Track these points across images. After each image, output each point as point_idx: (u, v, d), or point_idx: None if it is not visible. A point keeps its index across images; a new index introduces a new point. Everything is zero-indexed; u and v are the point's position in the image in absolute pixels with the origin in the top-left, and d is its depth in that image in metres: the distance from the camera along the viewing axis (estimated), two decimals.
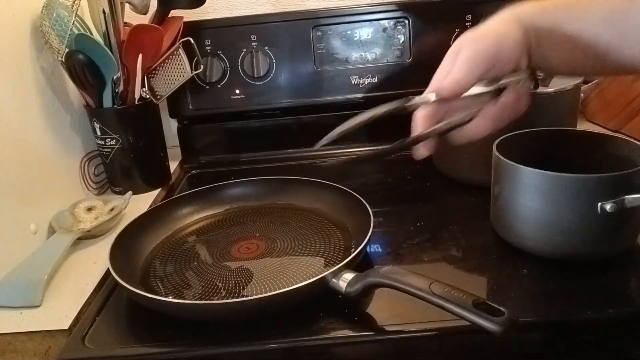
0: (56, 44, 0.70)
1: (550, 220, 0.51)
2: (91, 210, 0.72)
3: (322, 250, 0.59)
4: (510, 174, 0.54)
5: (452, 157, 0.75)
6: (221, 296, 0.52)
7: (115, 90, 0.75)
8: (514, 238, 0.56)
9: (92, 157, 0.82)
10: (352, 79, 0.89)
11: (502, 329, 0.39)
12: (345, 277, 0.48)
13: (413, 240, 0.61)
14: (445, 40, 0.87)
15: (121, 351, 0.48)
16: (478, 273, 0.55)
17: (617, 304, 0.47)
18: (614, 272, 0.52)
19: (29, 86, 0.69)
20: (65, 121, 0.77)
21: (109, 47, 0.73)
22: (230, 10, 0.96)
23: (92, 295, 0.56)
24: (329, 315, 0.48)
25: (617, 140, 0.59)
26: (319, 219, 0.66)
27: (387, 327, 0.47)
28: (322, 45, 0.88)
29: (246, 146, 0.93)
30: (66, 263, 0.62)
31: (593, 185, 0.49)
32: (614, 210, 0.48)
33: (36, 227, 0.65)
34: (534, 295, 0.50)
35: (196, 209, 0.70)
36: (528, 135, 0.61)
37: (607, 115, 0.89)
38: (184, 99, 0.89)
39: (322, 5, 0.95)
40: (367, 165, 0.87)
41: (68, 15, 0.71)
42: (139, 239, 0.62)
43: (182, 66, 0.78)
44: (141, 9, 0.79)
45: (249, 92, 0.89)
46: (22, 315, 0.53)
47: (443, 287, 0.43)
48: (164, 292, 0.54)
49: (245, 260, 0.58)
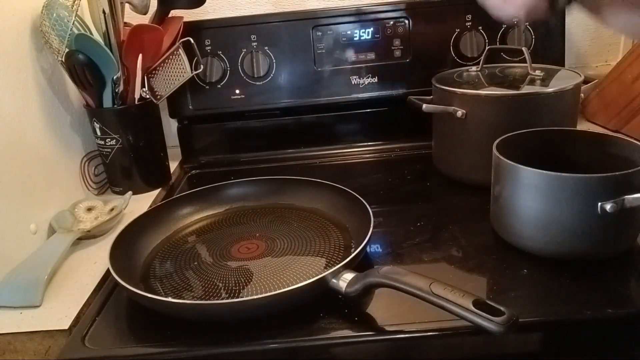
0: (56, 44, 0.70)
1: (550, 220, 0.51)
2: (91, 210, 0.72)
3: (322, 250, 0.59)
4: (510, 174, 0.54)
5: (452, 157, 0.75)
6: (221, 296, 0.52)
7: (115, 90, 0.75)
8: (514, 238, 0.56)
9: (92, 157, 0.82)
10: (352, 79, 0.89)
11: (502, 329, 0.39)
12: (345, 277, 0.48)
13: (413, 240, 0.61)
14: (445, 40, 0.88)
15: (121, 351, 0.48)
16: (478, 273, 0.55)
17: (617, 304, 0.47)
18: (614, 272, 0.52)
19: (29, 86, 0.69)
20: (65, 121, 0.77)
21: (109, 47, 0.73)
22: (230, 10, 0.96)
23: (92, 295, 0.56)
24: (329, 315, 0.48)
25: (617, 140, 0.59)
26: (319, 219, 0.66)
27: (387, 327, 0.47)
28: (322, 45, 0.88)
29: (246, 146, 0.93)
30: (66, 263, 0.62)
31: (593, 185, 0.49)
32: (614, 210, 0.48)
33: (36, 227, 0.65)
34: (534, 295, 0.50)
35: (196, 209, 0.70)
36: (528, 135, 0.62)
37: (607, 115, 0.89)
38: (184, 99, 0.89)
39: (322, 5, 0.95)
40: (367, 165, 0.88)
41: (68, 15, 0.71)
42: (139, 239, 0.62)
43: (182, 66, 0.78)
44: (141, 9, 0.79)
45: (249, 92, 0.89)
46: (22, 315, 0.53)
47: (443, 287, 0.42)
48: (164, 292, 0.54)
49: (245, 260, 0.58)
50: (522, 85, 0.71)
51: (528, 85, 0.71)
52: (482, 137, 0.65)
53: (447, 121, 0.71)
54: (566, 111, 0.69)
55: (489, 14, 0.53)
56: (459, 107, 0.69)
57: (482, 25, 0.86)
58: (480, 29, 0.86)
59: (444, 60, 0.88)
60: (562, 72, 0.75)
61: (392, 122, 0.92)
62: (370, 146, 0.92)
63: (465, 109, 0.68)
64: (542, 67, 0.75)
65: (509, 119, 0.66)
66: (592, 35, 0.99)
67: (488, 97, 0.69)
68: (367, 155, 0.91)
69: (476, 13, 0.86)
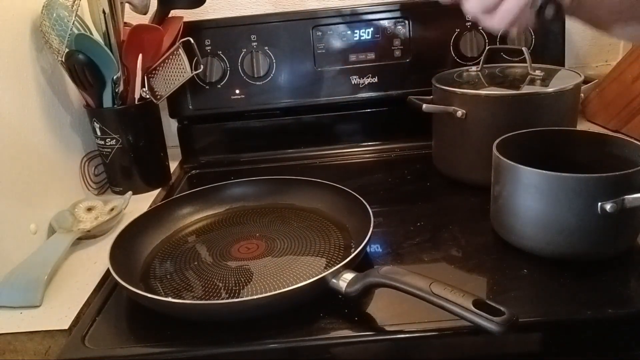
0: (56, 44, 0.70)
1: (550, 220, 0.51)
2: (91, 210, 0.72)
3: (322, 250, 0.59)
4: (510, 174, 0.54)
5: (452, 157, 0.75)
6: (221, 296, 0.52)
7: (115, 90, 0.75)
8: (514, 238, 0.56)
9: (92, 157, 0.82)
10: (352, 79, 0.89)
11: (502, 329, 0.39)
12: (345, 277, 0.48)
13: (413, 240, 0.61)
14: (445, 40, 0.87)
15: (121, 351, 0.48)
16: (478, 273, 0.55)
17: (617, 304, 0.47)
18: (614, 272, 0.51)
19: (29, 86, 0.69)
20: (65, 121, 0.77)
21: (109, 47, 0.73)
22: (230, 10, 0.96)
23: (92, 295, 0.56)
24: (329, 315, 0.48)
25: (617, 140, 0.59)
26: (319, 219, 0.66)
27: (387, 327, 0.47)
28: (322, 45, 0.88)
29: (246, 146, 0.93)
30: (66, 263, 0.62)
31: (593, 185, 0.49)
32: (614, 210, 0.48)
33: (36, 227, 0.65)
34: (534, 295, 0.50)
35: (196, 209, 0.70)
36: (528, 135, 0.62)
37: (607, 115, 0.89)
38: (184, 99, 0.89)
39: (322, 5, 0.95)
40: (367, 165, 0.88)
41: (68, 15, 0.71)
42: (139, 239, 0.62)
43: (182, 66, 0.78)
44: (141, 9, 0.79)
45: (249, 92, 0.89)
46: (22, 315, 0.53)
47: (443, 287, 0.42)
48: (164, 292, 0.54)
49: (245, 260, 0.58)
50: (522, 85, 0.71)
51: (528, 85, 0.71)
52: (482, 137, 0.65)
53: (447, 121, 0.71)
54: (566, 111, 0.69)
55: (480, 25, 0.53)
56: (459, 107, 0.69)
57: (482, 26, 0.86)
58: (480, 29, 0.86)
59: (444, 60, 0.88)
60: (562, 72, 0.75)
61: (392, 122, 0.92)
62: (370, 146, 0.92)
63: (465, 109, 0.68)
64: (542, 67, 0.75)
65: (509, 119, 0.66)
66: (592, 35, 0.99)
67: (488, 97, 0.69)
68: (367, 155, 0.91)
69: None
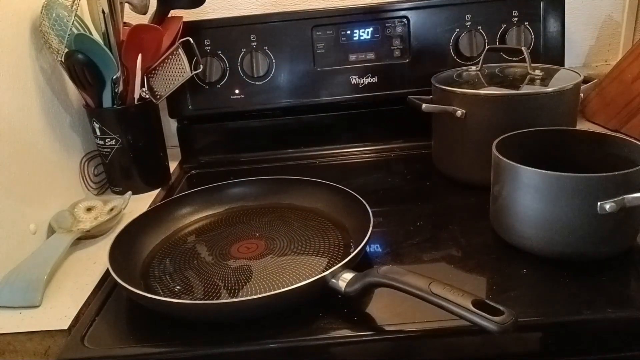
0: (56, 44, 0.70)
1: (550, 220, 0.51)
2: (91, 210, 0.72)
3: (321, 250, 0.59)
4: (510, 173, 0.54)
5: (452, 157, 0.75)
6: (221, 296, 0.52)
7: (115, 90, 0.75)
8: (514, 238, 0.56)
9: (91, 157, 0.82)
10: (352, 79, 0.89)
11: (502, 328, 0.39)
12: (345, 276, 0.48)
13: (413, 240, 0.61)
14: (445, 40, 0.88)
15: (121, 351, 0.47)
16: (478, 273, 0.54)
17: (617, 304, 0.47)
18: (614, 272, 0.51)
19: (29, 86, 0.69)
20: (65, 121, 0.77)
21: (108, 47, 0.73)
22: (230, 10, 0.96)
23: (91, 295, 0.56)
24: (328, 315, 0.48)
25: (617, 140, 0.59)
26: (319, 218, 0.66)
27: (387, 327, 0.46)
28: (322, 45, 0.88)
29: (246, 146, 0.93)
30: (66, 263, 0.62)
31: (593, 185, 0.49)
32: (613, 210, 0.48)
33: (36, 227, 0.65)
34: (534, 295, 0.50)
35: (196, 209, 0.70)
36: (528, 135, 0.62)
37: (607, 115, 0.89)
38: (184, 99, 0.89)
39: (322, 5, 0.95)
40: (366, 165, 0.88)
41: (67, 15, 0.71)
42: (138, 239, 0.62)
43: (181, 66, 0.78)
44: (141, 9, 0.79)
45: (249, 92, 0.89)
46: (21, 315, 0.53)
47: (443, 287, 0.42)
48: (164, 292, 0.54)
49: (245, 260, 0.58)
50: (522, 85, 0.71)
51: (528, 85, 0.71)
52: (482, 136, 0.65)
53: (447, 121, 0.71)
54: (566, 111, 0.69)
55: None
56: (458, 107, 0.69)
57: (481, 25, 0.86)
58: (479, 28, 0.86)
59: (443, 60, 0.88)
60: (561, 71, 0.75)
61: (391, 122, 0.92)
62: (370, 146, 0.92)
63: (465, 109, 0.68)
64: (541, 66, 0.75)
65: (508, 119, 0.66)
66: (591, 35, 0.99)
67: (488, 96, 0.69)
68: (367, 155, 0.91)
69: (476, 13, 0.86)
